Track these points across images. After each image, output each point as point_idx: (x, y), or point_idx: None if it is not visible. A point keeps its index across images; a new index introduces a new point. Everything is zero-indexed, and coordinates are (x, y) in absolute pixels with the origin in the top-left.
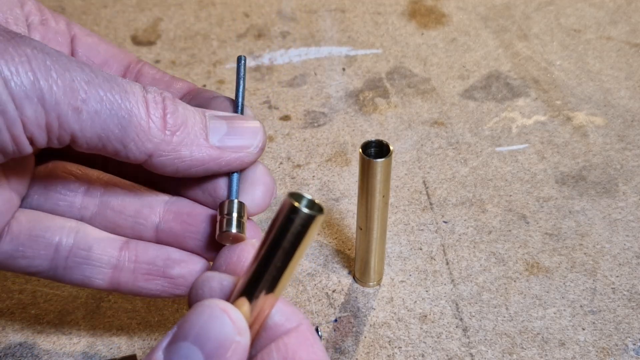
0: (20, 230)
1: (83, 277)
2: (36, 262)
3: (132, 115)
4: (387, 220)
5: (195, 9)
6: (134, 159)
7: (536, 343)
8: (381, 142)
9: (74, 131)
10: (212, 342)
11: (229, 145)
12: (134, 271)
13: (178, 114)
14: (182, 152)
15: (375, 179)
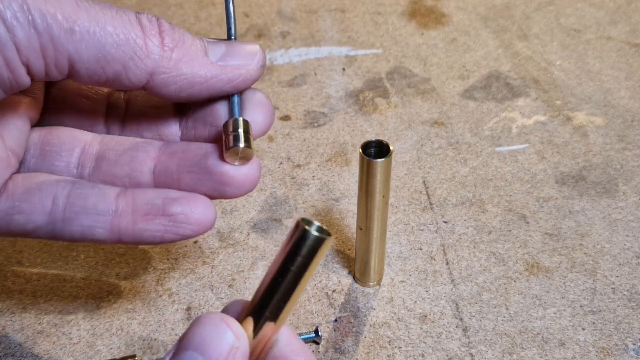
0: (15, 187)
1: (83, 228)
2: (33, 217)
3: (127, 34)
4: (387, 220)
5: (195, 9)
6: (137, 81)
7: (536, 343)
8: (381, 142)
9: (70, 54)
10: (212, 348)
11: (229, 63)
12: (133, 213)
13: (175, 33)
14: (183, 69)
15: (375, 179)
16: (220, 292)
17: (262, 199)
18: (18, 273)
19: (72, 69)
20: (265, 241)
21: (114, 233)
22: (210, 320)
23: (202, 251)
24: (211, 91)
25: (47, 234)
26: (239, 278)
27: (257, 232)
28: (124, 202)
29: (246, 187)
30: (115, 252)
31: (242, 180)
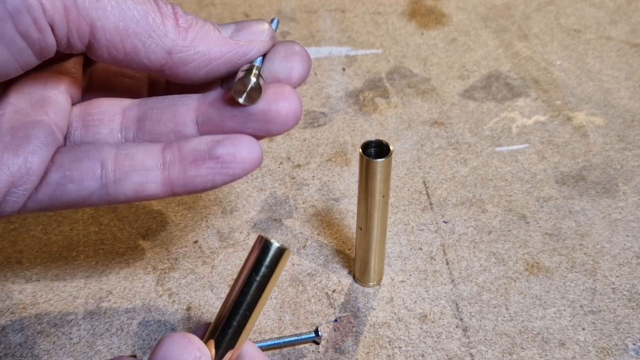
0: (62, 158)
1: (135, 186)
2: (85, 184)
3: (146, 12)
4: (387, 220)
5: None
6: (155, 59)
7: (536, 343)
8: (381, 142)
9: (93, 19)
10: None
11: (241, 38)
12: (181, 162)
13: (187, 16)
14: (199, 47)
15: (375, 179)
16: (220, 292)
17: (262, 199)
18: (18, 273)
19: (93, 37)
20: None
21: (166, 185)
22: (174, 337)
23: (202, 251)
24: (228, 66)
25: (102, 198)
26: None
27: (257, 232)
28: (170, 153)
29: (290, 122)
30: (115, 252)
31: (284, 115)
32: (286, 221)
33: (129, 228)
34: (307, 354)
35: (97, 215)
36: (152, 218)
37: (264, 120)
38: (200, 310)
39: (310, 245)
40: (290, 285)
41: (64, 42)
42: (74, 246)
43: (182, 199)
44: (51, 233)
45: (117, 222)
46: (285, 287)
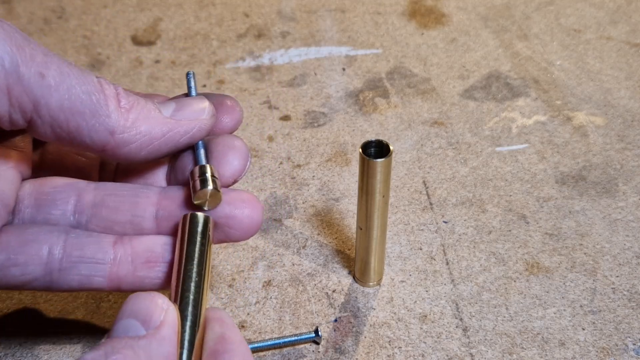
0: (9, 239)
1: (81, 277)
2: (30, 269)
3: (91, 91)
4: (387, 220)
5: (195, 9)
6: (97, 140)
7: (536, 343)
8: (381, 142)
9: (37, 97)
10: (145, 311)
11: (182, 117)
12: (133, 262)
13: (129, 96)
14: (141, 127)
15: (375, 179)
16: (220, 292)
17: (262, 199)
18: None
19: (37, 114)
20: (265, 241)
21: (113, 281)
22: (139, 295)
23: None
24: (170, 145)
25: (45, 284)
26: (239, 278)
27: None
28: (122, 250)
29: (251, 229)
30: None
31: (247, 223)
32: (286, 221)
33: None
34: (307, 354)
35: None
36: None
37: (227, 226)
38: None
39: (310, 245)
40: (290, 285)
41: (5, 119)
42: None
43: None
44: None
45: None
46: (285, 287)
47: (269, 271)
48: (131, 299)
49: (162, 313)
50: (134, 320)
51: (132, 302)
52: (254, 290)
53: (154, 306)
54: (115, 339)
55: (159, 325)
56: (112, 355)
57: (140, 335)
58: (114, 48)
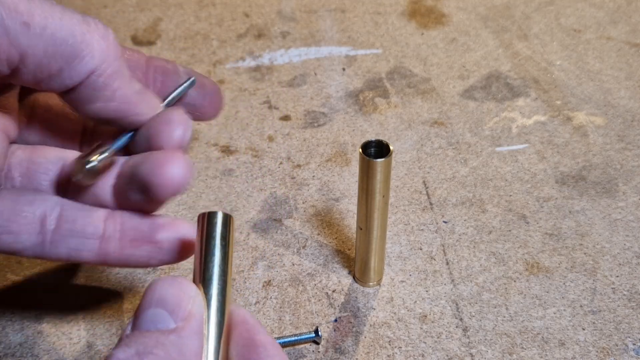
0: (3, 205)
1: (69, 250)
2: (22, 238)
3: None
4: (387, 220)
5: (195, 9)
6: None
7: (536, 343)
8: (381, 142)
9: (23, 47)
10: (172, 300)
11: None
12: (120, 239)
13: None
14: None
15: (375, 179)
16: None
17: (262, 199)
18: (18, 273)
19: (22, 62)
20: (265, 241)
21: (101, 256)
22: (165, 280)
23: None
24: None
25: (34, 254)
26: (239, 278)
27: (257, 232)
28: (112, 226)
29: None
30: None
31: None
32: (286, 221)
33: None
34: (307, 354)
35: None
36: None
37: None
38: None
39: (310, 245)
40: (290, 285)
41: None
42: None
43: (182, 198)
44: None
45: None
46: (285, 287)
47: (269, 271)
48: (157, 285)
49: (190, 302)
50: (162, 311)
51: (159, 289)
52: (254, 290)
53: (182, 294)
54: (145, 335)
55: (187, 316)
56: (145, 357)
57: (170, 329)
58: None
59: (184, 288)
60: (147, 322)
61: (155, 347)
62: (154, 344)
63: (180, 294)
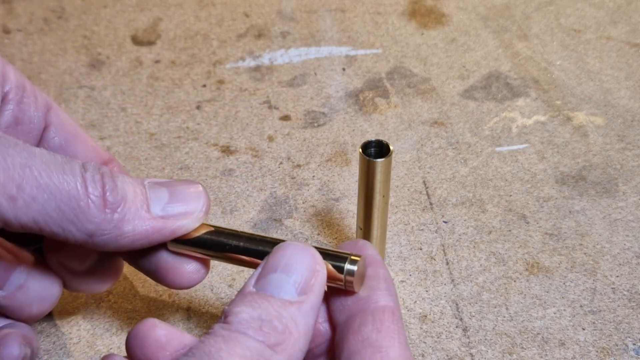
0: None
1: None
2: None
3: (70, 197)
4: (387, 220)
5: (195, 9)
6: (74, 240)
7: (536, 343)
8: (381, 142)
9: (8, 219)
10: (299, 270)
11: (172, 214)
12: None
13: (117, 190)
14: (124, 228)
15: (375, 179)
16: (220, 292)
17: (262, 199)
18: None
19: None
20: None
21: None
22: (295, 246)
23: None
24: (152, 243)
25: None
26: (239, 278)
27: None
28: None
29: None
30: None
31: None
32: (286, 221)
33: None
34: None
35: None
36: None
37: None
38: (200, 310)
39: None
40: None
41: None
42: None
43: None
44: None
45: None
46: None
47: None
48: (288, 250)
49: (314, 277)
50: (287, 278)
51: (289, 255)
52: None
53: (309, 267)
54: (269, 300)
55: (309, 290)
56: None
57: (291, 301)
58: (114, 48)
59: (312, 260)
60: (272, 286)
61: (276, 318)
62: (275, 314)
63: (307, 265)
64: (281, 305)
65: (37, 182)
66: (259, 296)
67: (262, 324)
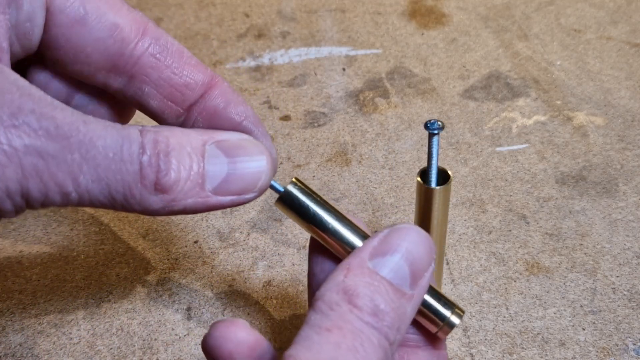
0: None
1: None
2: None
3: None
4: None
5: (195, 9)
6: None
7: (536, 343)
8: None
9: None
10: (418, 260)
11: (225, 190)
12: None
13: (171, 172)
14: (174, 207)
15: (433, 207)
16: (220, 292)
17: (262, 199)
18: (18, 273)
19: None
20: (265, 241)
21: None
22: (417, 232)
23: (202, 251)
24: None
25: None
26: (239, 278)
27: (257, 232)
28: None
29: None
30: (115, 252)
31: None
32: (286, 221)
33: (129, 228)
34: None
35: (97, 215)
36: (152, 218)
37: None
38: (200, 310)
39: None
40: (290, 286)
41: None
42: (74, 246)
43: None
44: (51, 233)
45: (117, 222)
46: (285, 287)
47: (269, 271)
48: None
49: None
50: (405, 266)
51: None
52: (254, 290)
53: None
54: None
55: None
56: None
57: (405, 294)
58: None
59: (431, 253)
60: (389, 269)
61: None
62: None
63: (427, 258)
64: (396, 295)
65: (97, 172)
66: (378, 279)
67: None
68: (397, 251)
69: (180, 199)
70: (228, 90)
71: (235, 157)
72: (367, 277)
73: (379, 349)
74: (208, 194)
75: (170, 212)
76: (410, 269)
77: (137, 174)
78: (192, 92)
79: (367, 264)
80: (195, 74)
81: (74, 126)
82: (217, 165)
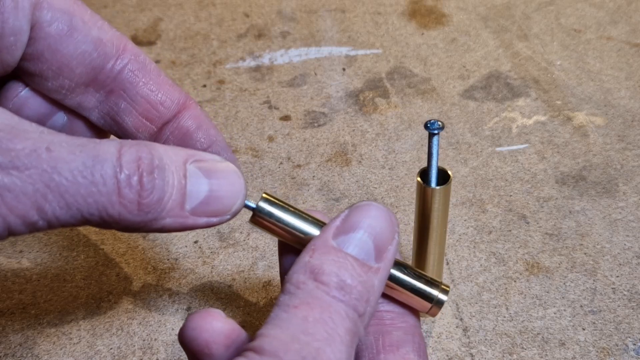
0: None
1: None
2: None
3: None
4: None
5: (195, 9)
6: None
7: (536, 343)
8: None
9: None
10: (381, 234)
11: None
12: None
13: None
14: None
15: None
16: (220, 292)
17: None
18: (18, 273)
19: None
20: (265, 241)
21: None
22: (377, 207)
23: (202, 251)
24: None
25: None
26: (239, 278)
27: (257, 232)
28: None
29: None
30: (115, 252)
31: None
32: None
33: None
34: None
35: None
36: None
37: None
38: None
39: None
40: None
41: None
42: (74, 246)
43: None
44: (51, 233)
45: None
46: None
47: (269, 271)
48: (372, 210)
49: (392, 245)
50: (370, 242)
51: (373, 216)
52: (254, 290)
53: (390, 233)
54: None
55: (385, 258)
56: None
57: (370, 267)
58: None
59: (393, 227)
60: (354, 246)
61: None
62: (357, 278)
63: (389, 231)
64: (366, 271)
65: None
66: (342, 255)
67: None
68: (359, 227)
69: (160, 218)
70: (200, 114)
71: (214, 179)
72: (332, 255)
73: (347, 319)
74: (186, 214)
75: (148, 230)
76: (375, 243)
77: (113, 194)
78: (167, 110)
79: (331, 243)
80: (171, 93)
81: (34, 156)
82: (198, 186)
